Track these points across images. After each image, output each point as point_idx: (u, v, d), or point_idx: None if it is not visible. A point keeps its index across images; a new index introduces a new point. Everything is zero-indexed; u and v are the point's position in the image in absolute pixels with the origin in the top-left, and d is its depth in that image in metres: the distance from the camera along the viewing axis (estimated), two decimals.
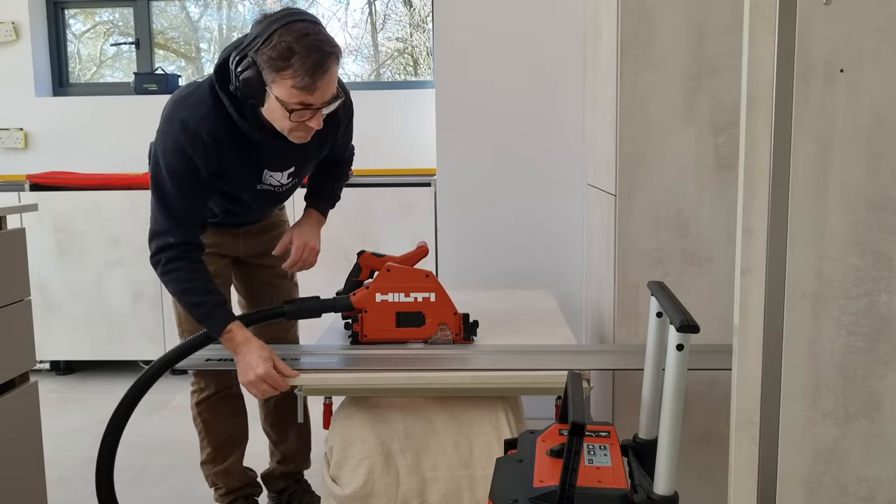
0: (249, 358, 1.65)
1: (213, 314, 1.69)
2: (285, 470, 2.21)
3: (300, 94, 1.54)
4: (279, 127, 1.63)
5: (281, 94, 1.55)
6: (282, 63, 1.51)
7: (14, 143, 3.97)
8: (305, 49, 1.51)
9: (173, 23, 4.28)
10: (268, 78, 1.54)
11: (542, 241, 2.87)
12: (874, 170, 1.08)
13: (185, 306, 1.75)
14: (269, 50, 1.51)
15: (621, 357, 1.84)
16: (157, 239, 1.73)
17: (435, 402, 1.62)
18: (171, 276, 1.71)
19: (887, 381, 1.11)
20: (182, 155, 1.67)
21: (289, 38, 1.50)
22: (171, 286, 1.73)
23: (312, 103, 1.57)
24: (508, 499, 1.11)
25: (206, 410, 2.05)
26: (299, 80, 1.51)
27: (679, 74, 1.90)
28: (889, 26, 1.06)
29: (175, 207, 1.72)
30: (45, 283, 3.46)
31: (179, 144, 1.66)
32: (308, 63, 1.51)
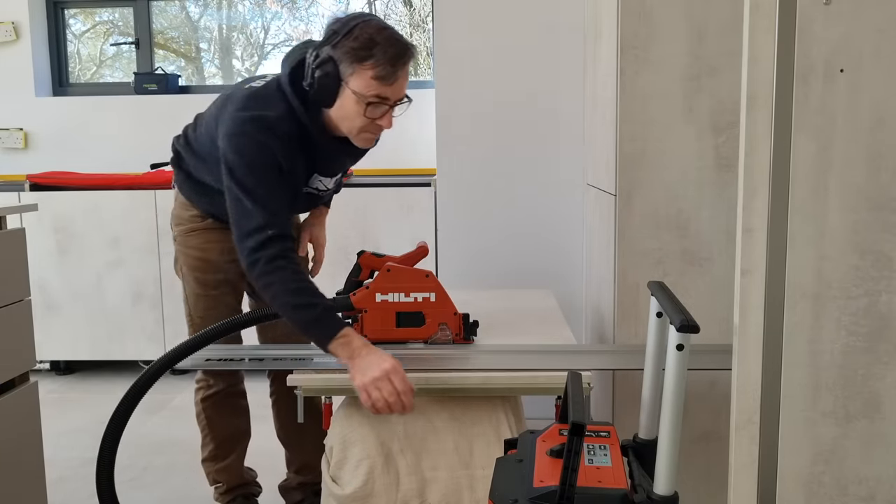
0: (373, 357, 1.51)
1: (325, 317, 1.57)
2: (303, 480, 2.18)
3: (379, 85, 1.57)
4: (349, 126, 1.66)
5: (359, 85, 1.57)
6: (364, 53, 1.55)
7: (14, 143, 3.97)
8: (387, 40, 1.56)
9: (173, 23, 4.28)
10: (346, 71, 1.57)
11: (542, 241, 2.87)
12: (874, 170, 1.08)
13: (290, 309, 1.58)
14: (350, 42, 1.55)
15: (621, 357, 1.84)
16: (255, 235, 1.58)
17: (435, 402, 1.62)
18: (276, 276, 1.57)
19: (887, 381, 1.11)
20: (264, 149, 1.62)
21: (370, 31, 1.55)
22: (276, 286, 1.58)
23: (388, 97, 1.60)
24: (508, 499, 1.11)
25: (210, 407, 2.05)
26: (381, 69, 1.55)
27: (679, 74, 1.90)
28: (889, 26, 1.06)
29: (268, 200, 1.61)
30: (45, 283, 3.46)
31: (260, 140, 1.62)
32: (390, 53, 1.55)
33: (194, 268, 1.96)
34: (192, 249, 1.95)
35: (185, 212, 1.96)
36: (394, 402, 1.48)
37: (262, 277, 1.59)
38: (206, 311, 1.97)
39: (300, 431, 2.10)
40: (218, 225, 1.92)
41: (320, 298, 1.59)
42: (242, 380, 2.12)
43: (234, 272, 1.97)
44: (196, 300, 1.98)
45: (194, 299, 1.98)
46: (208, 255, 1.94)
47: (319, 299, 1.58)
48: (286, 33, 4.25)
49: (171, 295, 3.45)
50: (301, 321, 1.57)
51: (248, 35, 4.28)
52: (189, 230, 1.95)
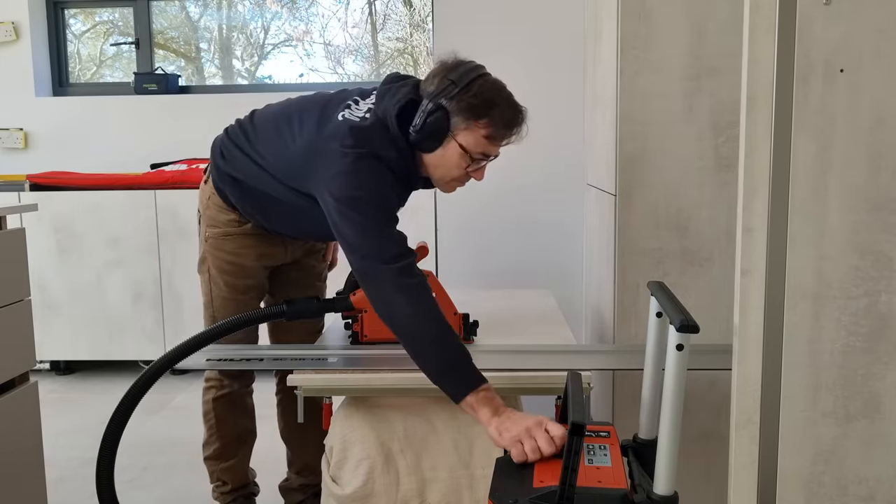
0: (518, 415, 1.37)
1: (467, 362, 1.44)
2: (304, 482, 2.19)
3: (489, 144, 1.60)
4: (443, 174, 1.67)
5: (468, 141, 1.59)
6: (483, 111, 1.56)
7: (14, 143, 3.98)
8: (506, 102, 1.59)
9: (173, 23, 4.28)
10: (458, 124, 1.57)
11: (542, 241, 2.87)
12: (874, 170, 1.08)
13: (431, 342, 1.46)
14: (469, 98, 1.55)
15: (621, 357, 1.84)
16: (399, 260, 1.52)
17: (435, 402, 1.62)
18: (427, 295, 1.50)
19: (887, 381, 1.11)
20: (382, 182, 1.61)
21: (490, 89, 1.58)
22: (424, 305, 1.49)
23: (491, 155, 1.64)
24: (508, 499, 1.11)
25: (221, 407, 2.04)
26: (495, 130, 1.58)
27: (679, 74, 1.90)
28: (889, 26, 1.06)
29: (394, 227, 1.60)
30: (45, 283, 3.46)
31: (377, 174, 1.60)
32: (508, 116, 1.59)
33: (226, 272, 1.92)
34: (227, 254, 1.91)
35: (221, 215, 1.89)
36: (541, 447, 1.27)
37: (411, 290, 1.50)
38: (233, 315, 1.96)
39: (303, 432, 2.10)
40: (256, 230, 1.89)
41: (462, 342, 1.48)
42: (253, 382, 2.12)
43: (262, 276, 1.97)
44: (224, 304, 1.94)
45: (221, 302, 1.95)
46: (243, 260, 1.91)
47: (462, 343, 1.47)
48: (286, 33, 4.25)
49: (171, 295, 3.45)
50: (442, 358, 1.45)
51: (248, 35, 4.28)
52: (225, 234, 1.90)
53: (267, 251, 1.92)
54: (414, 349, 1.49)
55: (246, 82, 4.28)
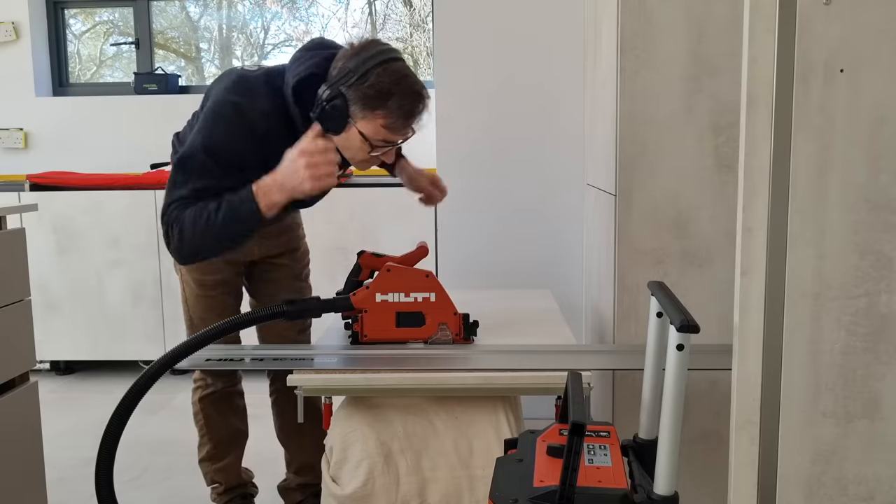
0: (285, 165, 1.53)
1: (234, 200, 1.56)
2: (302, 481, 2.19)
3: (388, 133, 1.59)
4: (348, 157, 1.67)
5: (367, 130, 1.58)
6: (378, 102, 1.55)
7: (14, 143, 3.97)
8: (403, 92, 1.56)
9: (173, 23, 4.28)
10: (356, 113, 1.57)
11: (542, 242, 2.87)
12: (874, 170, 1.08)
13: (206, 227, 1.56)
14: (365, 88, 1.54)
15: (621, 357, 1.84)
16: (169, 207, 1.61)
17: (435, 402, 1.62)
18: (183, 218, 1.58)
19: (887, 381, 1.11)
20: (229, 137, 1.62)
21: (387, 80, 1.55)
22: (187, 226, 1.58)
23: (395, 141, 1.64)
24: (508, 498, 1.11)
25: (208, 406, 2.05)
26: (392, 121, 1.57)
27: (679, 74, 1.90)
28: (889, 26, 1.05)
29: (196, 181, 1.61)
30: (45, 283, 3.46)
31: (232, 129, 1.62)
32: (405, 107, 1.56)
33: (193, 269, 1.95)
34: None
35: None
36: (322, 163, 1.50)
37: (173, 234, 1.58)
38: (206, 313, 1.97)
39: (300, 432, 2.10)
40: None
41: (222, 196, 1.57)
42: (240, 380, 2.12)
43: (232, 272, 1.98)
44: (196, 301, 1.98)
45: (193, 300, 1.98)
46: None
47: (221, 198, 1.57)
48: (286, 33, 4.25)
49: (170, 295, 3.45)
50: (223, 218, 1.55)
51: (248, 35, 4.28)
52: None
53: None
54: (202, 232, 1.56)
55: None
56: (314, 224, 3.37)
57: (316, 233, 3.37)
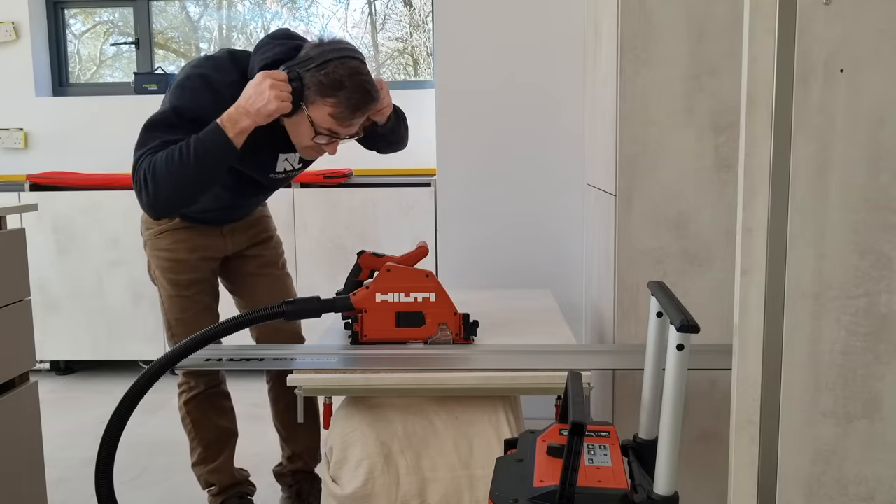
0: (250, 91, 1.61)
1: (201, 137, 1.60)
2: (294, 468, 2.23)
3: (333, 122, 1.68)
4: (295, 140, 1.75)
5: (316, 116, 1.68)
6: (329, 91, 1.64)
7: (14, 143, 3.97)
8: (355, 86, 1.65)
9: (173, 23, 4.28)
10: (309, 97, 1.66)
11: (542, 241, 2.87)
12: (874, 170, 1.08)
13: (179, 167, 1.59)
14: (321, 76, 1.64)
15: (621, 357, 1.84)
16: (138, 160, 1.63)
17: (435, 402, 1.62)
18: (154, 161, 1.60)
19: (887, 381, 1.11)
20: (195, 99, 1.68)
21: (342, 72, 1.64)
22: (158, 168, 1.60)
23: (339, 133, 1.72)
24: (508, 498, 1.11)
25: (195, 409, 2.07)
26: (340, 111, 1.66)
27: (679, 74, 1.90)
28: (889, 26, 1.06)
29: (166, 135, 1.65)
30: (45, 283, 3.46)
31: (196, 94, 1.68)
32: (353, 100, 1.65)
33: (166, 269, 1.97)
34: (162, 251, 1.96)
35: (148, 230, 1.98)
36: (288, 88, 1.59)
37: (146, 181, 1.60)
38: (182, 313, 1.98)
39: (294, 421, 2.12)
40: (185, 224, 1.94)
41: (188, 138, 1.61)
42: (224, 381, 2.14)
43: (206, 270, 1.99)
44: (171, 302, 1.99)
45: (169, 302, 1.99)
46: (178, 254, 1.95)
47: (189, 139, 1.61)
48: None
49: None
50: (194, 155, 1.59)
51: (248, 35, 4.28)
52: (157, 232, 1.96)
53: (202, 243, 1.96)
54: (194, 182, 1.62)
55: None
56: (314, 224, 3.38)
57: (316, 233, 3.38)
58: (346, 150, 1.89)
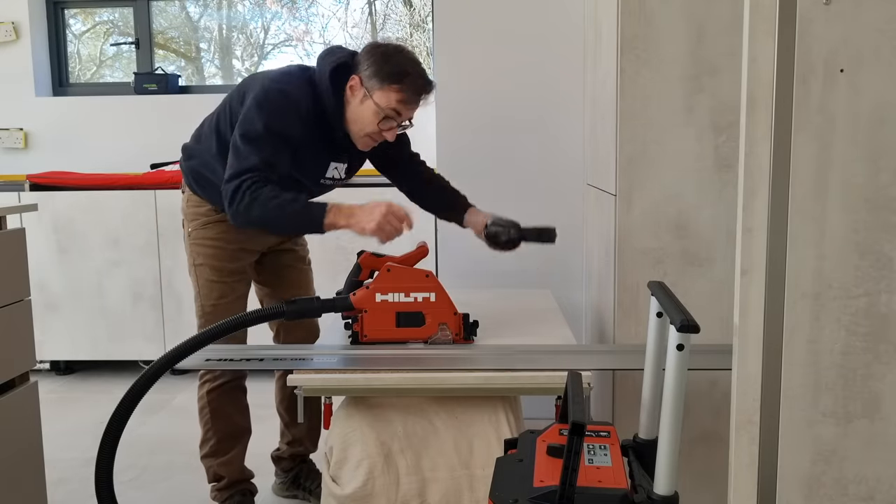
0: (368, 206, 1.73)
1: (311, 204, 1.77)
2: (293, 452, 2.30)
3: (400, 104, 1.83)
4: (358, 128, 1.88)
5: (382, 100, 1.82)
6: (396, 77, 1.81)
7: (14, 142, 3.98)
8: (418, 75, 1.85)
9: (173, 23, 4.28)
10: (375, 86, 1.82)
11: None
12: (874, 170, 1.08)
13: (278, 207, 1.74)
14: (388, 67, 1.82)
15: (621, 357, 1.84)
16: (243, 175, 1.77)
17: (435, 402, 1.62)
18: (258, 193, 1.75)
19: (887, 381, 1.11)
20: (283, 118, 1.82)
21: (405, 59, 1.85)
22: (258, 203, 1.74)
23: (402, 115, 1.86)
24: (508, 498, 1.11)
25: (216, 399, 2.09)
26: (407, 95, 1.83)
27: (679, 74, 1.90)
28: (889, 26, 1.06)
29: (270, 155, 1.80)
30: (45, 283, 3.46)
31: (282, 110, 1.82)
32: (419, 83, 1.84)
33: (211, 256, 2.03)
34: (209, 240, 2.04)
35: (197, 208, 2.05)
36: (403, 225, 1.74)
37: (243, 201, 1.75)
38: (220, 299, 2.05)
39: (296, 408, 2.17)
40: None
41: (302, 195, 1.80)
42: (246, 375, 2.15)
43: (246, 260, 2.09)
44: (210, 288, 2.05)
45: (208, 288, 2.05)
46: (225, 243, 2.03)
47: (302, 195, 1.79)
48: (286, 33, 4.25)
49: (170, 295, 3.45)
50: (293, 213, 1.75)
51: (248, 35, 4.28)
52: (204, 223, 2.05)
53: (246, 236, 2.03)
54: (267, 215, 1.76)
55: None
56: None
57: None
58: None
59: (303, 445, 2.30)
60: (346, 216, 1.73)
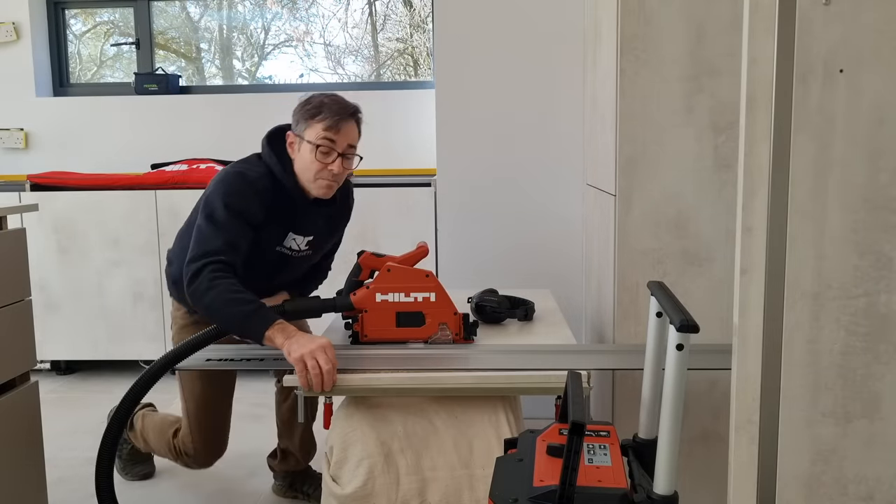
0: (307, 336, 1.67)
1: (261, 311, 1.71)
2: (286, 468, 2.31)
3: (328, 132, 1.87)
4: (307, 174, 1.90)
5: (311, 135, 1.88)
6: (314, 111, 1.89)
7: (14, 143, 3.98)
8: (333, 102, 1.91)
9: (173, 23, 4.29)
10: (303, 130, 1.89)
11: (542, 241, 2.87)
12: (874, 170, 1.08)
13: (227, 303, 1.71)
14: (307, 107, 1.91)
15: (621, 357, 1.84)
16: (206, 257, 1.77)
17: (435, 401, 1.62)
18: (217, 283, 1.73)
19: (887, 381, 1.11)
20: (242, 198, 1.86)
21: (321, 97, 1.92)
22: (214, 292, 1.72)
23: (336, 141, 1.88)
24: (508, 498, 1.11)
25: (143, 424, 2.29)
26: (328, 121, 1.87)
27: (679, 74, 1.90)
28: (889, 26, 1.06)
29: (231, 236, 1.82)
30: (45, 283, 3.46)
31: (241, 191, 1.87)
32: (334, 109, 1.89)
33: None
34: None
35: (177, 311, 2.14)
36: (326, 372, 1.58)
37: (204, 286, 1.73)
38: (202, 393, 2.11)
39: (294, 422, 2.21)
40: None
41: (256, 300, 1.73)
42: None
43: None
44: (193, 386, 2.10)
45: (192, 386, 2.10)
46: None
47: (256, 300, 1.73)
48: (286, 34, 4.25)
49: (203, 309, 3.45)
50: (240, 313, 1.70)
51: (248, 35, 4.28)
52: (181, 326, 2.12)
53: None
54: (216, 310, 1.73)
55: (246, 83, 4.29)
56: None
57: None
58: None
59: (294, 458, 2.29)
60: (285, 338, 1.66)
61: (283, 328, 1.67)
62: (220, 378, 2.11)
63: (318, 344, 1.61)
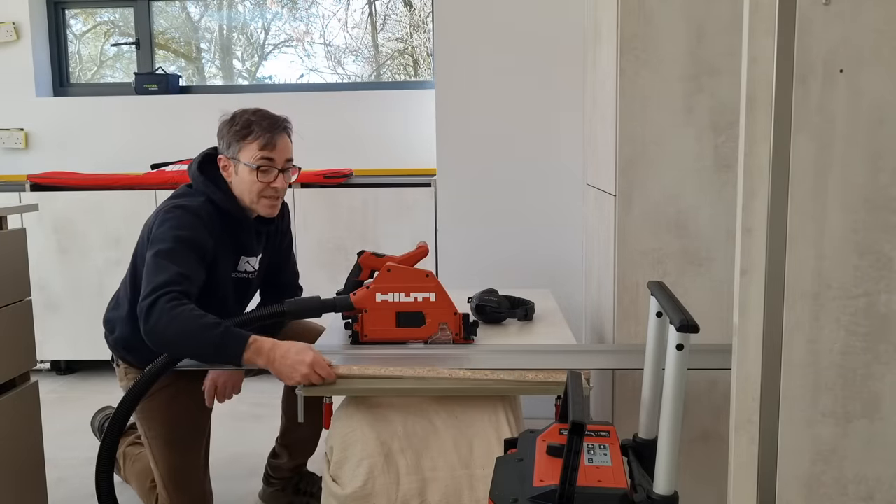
0: (290, 354, 1.61)
1: (231, 332, 1.64)
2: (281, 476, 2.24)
3: (265, 151, 1.86)
4: (248, 195, 1.89)
5: (247, 157, 1.86)
6: (244, 132, 1.86)
7: (14, 143, 3.98)
8: (262, 118, 1.88)
9: (174, 23, 4.29)
10: (237, 152, 1.87)
11: (542, 242, 2.87)
12: (874, 170, 1.08)
13: (197, 331, 1.63)
14: (234, 128, 1.87)
15: (621, 357, 1.84)
16: (159, 290, 1.68)
17: (435, 401, 1.62)
18: (179, 311, 1.65)
19: (887, 381, 1.12)
20: (190, 229, 1.82)
21: (246, 115, 1.89)
22: (177, 323, 1.64)
23: (274, 159, 1.87)
24: (508, 498, 1.11)
25: None
26: (262, 139, 1.86)
27: (679, 74, 1.90)
28: (889, 26, 1.06)
29: (184, 266, 1.75)
30: (45, 283, 3.46)
31: (187, 222, 1.82)
32: (265, 125, 1.87)
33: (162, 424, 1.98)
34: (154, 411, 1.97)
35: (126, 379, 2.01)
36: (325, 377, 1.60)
37: (166, 315, 1.63)
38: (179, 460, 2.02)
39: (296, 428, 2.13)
40: None
41: (223, 322, 1.66)
42: None
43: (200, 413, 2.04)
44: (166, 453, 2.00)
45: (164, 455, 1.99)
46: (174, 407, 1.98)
47: (222, 322, 1.66)
48: (286, 34, 4.25)
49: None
50: (210, 340, 1.63)
51: (248, 35, 4.28)
52: None
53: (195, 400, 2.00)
54: (185, 342, 1.66)
55: (246, 83, 4.29)
56: (315, 224, 3.38)
57: (316, 233, 3.38)
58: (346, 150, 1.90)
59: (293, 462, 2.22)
60: (267, 359, 1.62)
61: (258, 348, 1.62)
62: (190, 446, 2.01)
63: (307, 362, 1.58)
